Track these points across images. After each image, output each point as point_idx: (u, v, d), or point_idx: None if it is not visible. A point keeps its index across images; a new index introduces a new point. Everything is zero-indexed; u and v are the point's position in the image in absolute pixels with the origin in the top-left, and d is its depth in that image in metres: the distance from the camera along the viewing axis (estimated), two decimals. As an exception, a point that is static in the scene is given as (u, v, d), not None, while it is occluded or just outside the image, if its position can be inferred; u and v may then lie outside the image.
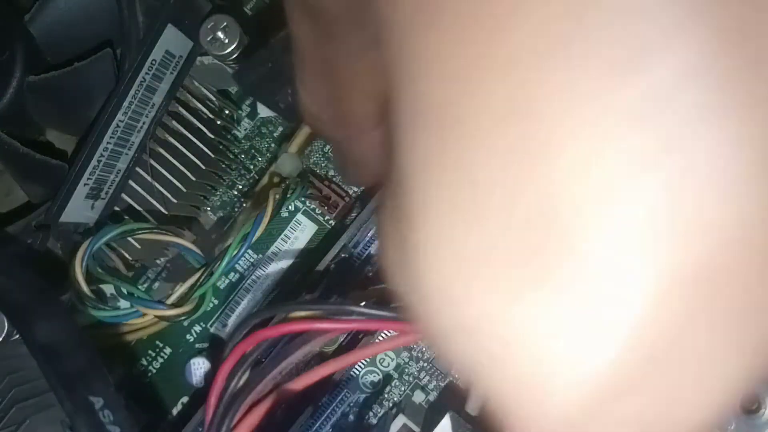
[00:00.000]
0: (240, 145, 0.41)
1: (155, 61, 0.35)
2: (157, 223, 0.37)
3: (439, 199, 0.10)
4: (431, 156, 0.11)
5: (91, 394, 0.26)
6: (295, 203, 0.39)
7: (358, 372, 0.38)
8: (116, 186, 0.36)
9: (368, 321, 0.30)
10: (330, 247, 0.37)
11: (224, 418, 0.28)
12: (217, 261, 0.35)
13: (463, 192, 0.10)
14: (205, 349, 0.39)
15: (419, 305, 0.11)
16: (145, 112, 0.35)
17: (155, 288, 0.40)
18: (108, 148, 0.34)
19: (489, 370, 0.11)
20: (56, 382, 0.26)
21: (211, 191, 0.40)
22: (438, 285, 0.11)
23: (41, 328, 0.28)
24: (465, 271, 0.10)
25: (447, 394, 0.38)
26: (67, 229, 0.35)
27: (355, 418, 0.38)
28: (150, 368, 0.39)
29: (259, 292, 0.39)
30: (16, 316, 0.28)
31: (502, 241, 0.10)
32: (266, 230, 0.36)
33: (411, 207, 0.11)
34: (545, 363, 0.10)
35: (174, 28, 0.35)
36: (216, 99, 0.40)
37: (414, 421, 0.36)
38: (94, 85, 0.35)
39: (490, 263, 0.10)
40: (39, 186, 0.36)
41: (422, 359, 0.39)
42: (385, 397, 0.38)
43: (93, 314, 0.35)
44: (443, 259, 0.11)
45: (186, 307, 0.36)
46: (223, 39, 0.35)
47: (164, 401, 0.39)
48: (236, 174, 0.41)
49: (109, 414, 0.25)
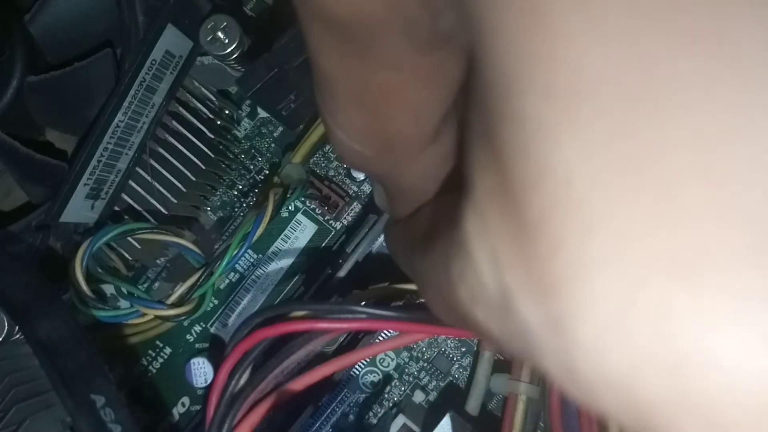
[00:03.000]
0: (240, 145, 0.41)
1: (155, 61, 0.35)
2: (157, 223, 0.37)
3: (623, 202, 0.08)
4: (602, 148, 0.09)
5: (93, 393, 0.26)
6: (295, 203, 0.39)
7: (358, 372, 0.38)
8: (116, 186, 0.36)
9: (368, 321, 0.30)
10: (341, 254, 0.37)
11: (225, 417, 0.28)
12: (217, 261, 0.35)
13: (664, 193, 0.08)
14: (205, 349, 0.39)
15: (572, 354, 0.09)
16: (145, 112, 0.35)
17: (155, 288, 0.40)
18: (108, 148, 0.34)
19: None
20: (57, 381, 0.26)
21: (211, 191, 0.40)
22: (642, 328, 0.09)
23: (42, 326, 0.28)
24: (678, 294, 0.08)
25: (447, 394, 0.39)
26: (67, 229, 0.35)
27: (355, 418, 0.38)
28: (150, 368, 0.39)
29: (259, 292, 0.39)
30: (18, 314, 0.28)
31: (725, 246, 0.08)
32: (266, 230, 0.36)
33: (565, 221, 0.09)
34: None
35: (174, 28, 0.35)
36: (216, 99, 0.40)
37: (414, 421, 0.36)
38: (94, 85, 0.35)
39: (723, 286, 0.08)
40: (39, 186, 0.36)
41: (422, 359, 0.39)
42: (385, 397, 0.38)
43: (93, 314, 0.35)
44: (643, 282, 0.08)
45: (186, 307, 0.36)
46: (223, 39, 0.35)
47: (164, 401, 0.39)
48: (236, 174, 0.41)
49: (111, 412, 0.25)
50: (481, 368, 0.36)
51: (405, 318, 0.30)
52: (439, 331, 0.33)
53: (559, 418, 0.33)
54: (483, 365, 0.36)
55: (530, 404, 0.34)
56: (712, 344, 0.08)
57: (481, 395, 0.36)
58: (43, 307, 0.29)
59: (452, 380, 0.39)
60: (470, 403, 0.36)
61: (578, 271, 0.09)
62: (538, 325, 0.10)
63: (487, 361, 0.36)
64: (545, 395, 0.34)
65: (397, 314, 0.30)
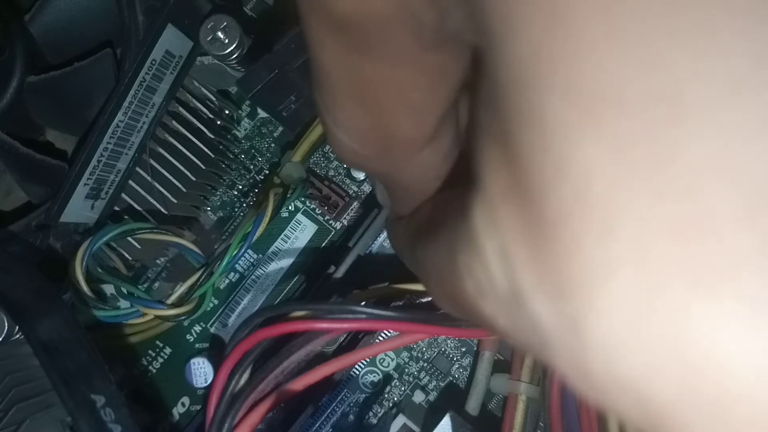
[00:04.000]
0: (240, 145, 0.41)
1: (155, 61, 0.35)
2: (157, 223, 0.37)
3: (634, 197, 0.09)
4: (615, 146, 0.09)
5: (93, 392, 0.26)
6: (295, 203, 0.39)
7: (358, 372, 0.38)
8: (116, 186, 0.36)
9: (368, 321, 0.30)
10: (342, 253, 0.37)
11: (226, 417, 0.28)
12: (217, 261, 0.35)
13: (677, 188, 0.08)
14: (205, 349, 0.39)
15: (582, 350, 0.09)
16: (145, 112, 0.35)
17: (155, 288, 0.40)
18: (108, 148, 0.34)
19: None
20: (58, 380, 0.26)
21: (211, 191, 0.40)
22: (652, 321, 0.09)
23: (43, 326, 0.28)
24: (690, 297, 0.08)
25: (447, 394, 0.39)
26: (67, 229, 0.35)
27: (355, 418, 0.38)
28: (150, 368, 0.39)
29: (259, 292, 0.39)
30: (18, 313, 0.28)
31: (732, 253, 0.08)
32: (266, 230, 0.36)
33: (578, 215, 0.09)
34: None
35: (174, 28, 0.35)
36: (216, 99, 0.40)
37: (414, 421, 0.36)
38: (94, 85, 0.35)
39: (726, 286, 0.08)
40: (39, 186, 0.36)
41: (422, 359, 0.39)
42: (385, 397, 0.39)
43: (93, 314, 0.35)
44: (654, 280, 0.09)
45: (186, 307, 0.36)
46: (223, 39, 0.35)
47: (164, 401, 0.39)
48: (236, 174, 0.41)
49: (111, 412, 0.25)
50: (481, 368, 0.36)
51: (405, 318, 0.30)
52: (439, 331, 0.33)
53: (559, 418, 0.33)
54: (483, 365, 0.36)
55: (530, 404, 0.34)
56: (729, 350, 0.08)
57: (481, 395, 0.36)
58: (44, 306, 0.29)
59: (452, 380, 0.39)
60: (470, 403, 0.36)
61: (596, 273, 0.09)
62: (551, 324, 0.10)
63: (487, 361, 0.36)
64: (545, 395, 0.34)
65: (397, 314, 0.30)
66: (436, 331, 0.32)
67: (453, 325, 0.30)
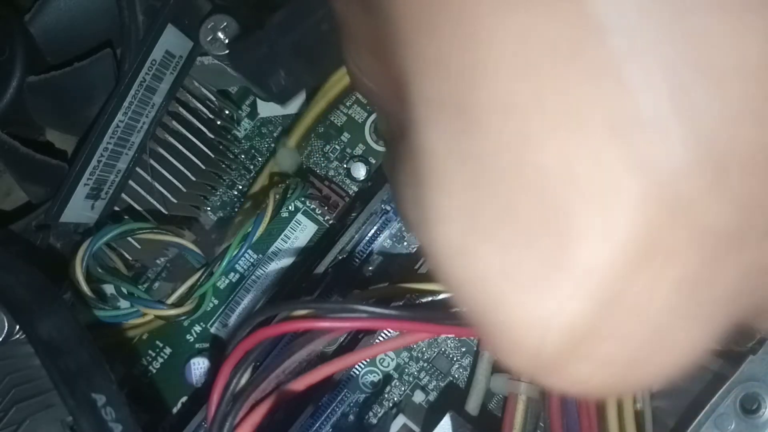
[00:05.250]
0: (240, 145, 0.41)
1: (155, 61, 0.35)
2: (157, 223, 0.37)
3: (453, 174, 0.12)
4: (446, 137, 0.12)
5: (93, 392, 0.26)
6: (295, 203, 0.39)
7: (358, 372, 0.38)
8: (116, 186, 0.36)
9: (369, 320, 0.30)
10: (329, 248, 0.37)
11: (227, 417, 0.28)
12: (217, 261, 0.36)
13: (473, 168, 0.12)
14: (205, 349, 0.39)
15: (430, 246, 0.13)
16: (145, 112, 0.35)
17: (155, 288, 0.40)
18: (108, 148, 0.34)
19: (482, 311, 0.12)
20: (59, 380, 0.26)
21: (211, 191, 0.40)
22: (446, 238, 0.12)
23: (43, 326, 0.28)
24: (466, 227, 0.12)
25: (447, 394, 0.39)
26: (67, 229, 0.35)
27: (355, 418, 0.38)
28: (150, 368, 0.39)
29: (259, 292, 0.39)
30: (19, 312, 0.28)
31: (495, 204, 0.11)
32: (266, 230, 0.36)
33: (430, 176, 0.13)
34: (528, 307, 0.11)
35: (174, 28, 0.35)
36: (216, 99, 0.40)
37: (414, 421, 0.36)
38: (94, 85, 0.35)
39: (491, 223, 0.12)
40: (39, 186, 0.36)
41: (422, 359, 0.39)
42: (385, 397, 0.39)
43: (93, 314, 0.35)
44: (452, 220, 0.12)
45: (186, 307, 0.36)
46: (223, 39, 0.35)
47: (164, 401, 0.39)
48: (236, 174, 0.41)
49: (111, 411, 0.25)
50: (481, 368, 0.36)
51: (405, 318, 0.30)
52: (440, 330, 0.33)
53: (559, 418, 0.33)
54: (483, 365, 0.36)
55: (530, 404, 0.34)
56: None
57: (481, 395, 0.36)
58: (44, 306, 0.29)
59: (452, 380, 0.39)
60: (470, 403, 0.36)
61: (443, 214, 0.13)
62: None
63: (487, 361, 0.36)
64: (545, 395, 0.34)
65: (397, 314, 0.30)
66: (437, 330, 0.32)
67: (454, 324, 0.30)
